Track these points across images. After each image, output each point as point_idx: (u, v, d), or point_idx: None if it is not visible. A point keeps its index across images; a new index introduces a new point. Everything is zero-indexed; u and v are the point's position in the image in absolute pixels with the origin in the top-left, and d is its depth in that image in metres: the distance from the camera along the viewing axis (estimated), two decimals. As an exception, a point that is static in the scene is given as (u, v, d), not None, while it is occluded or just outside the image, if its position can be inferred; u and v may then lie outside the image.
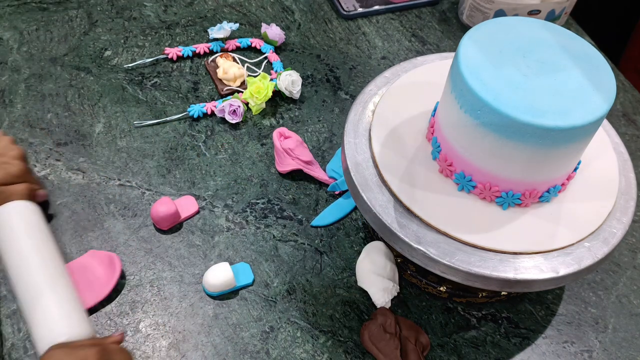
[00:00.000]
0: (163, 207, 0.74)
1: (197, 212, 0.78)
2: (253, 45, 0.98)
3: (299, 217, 0.78)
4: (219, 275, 0.69)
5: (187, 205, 0.77)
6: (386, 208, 0.61)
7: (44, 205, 0.76)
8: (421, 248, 0.59)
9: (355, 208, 0.79)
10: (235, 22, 1.00)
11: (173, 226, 0.76)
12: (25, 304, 0.63)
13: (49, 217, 0.75)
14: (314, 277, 0.73)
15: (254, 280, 0.72)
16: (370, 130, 0.68)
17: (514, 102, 0.54)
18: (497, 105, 0.54)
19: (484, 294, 0.70)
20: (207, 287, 0.70)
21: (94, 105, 0.88)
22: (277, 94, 0.91)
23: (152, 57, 0.94)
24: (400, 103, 0.70)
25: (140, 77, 0.92)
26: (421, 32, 1.04)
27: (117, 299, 0.70)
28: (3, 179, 0.71)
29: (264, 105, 0.88)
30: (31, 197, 0.72)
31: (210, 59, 0.95)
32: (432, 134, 0.65)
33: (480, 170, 0.60)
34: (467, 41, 0.59)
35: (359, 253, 0.73)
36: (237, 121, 0.86)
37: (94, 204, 0.77)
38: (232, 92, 0.90)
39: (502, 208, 0.62)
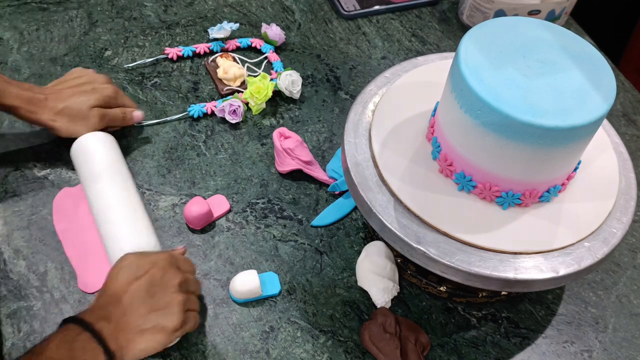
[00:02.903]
0: (196, 206, 0.74)
1: (229, 211, 0.78)
2: (253, 45, 0.98)
3: (299, 217, 0.78)
4: (246, 282, 0.69)
5: (218, 205, 0.78)
6: (386, 208, 0.61)
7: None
8: (421, 248, 0.59)
9: (355, 208, 0.79)
10: (236, 22, 1.00)
11: (206, 225, 0.76)
12: (105, 223, 0.70)
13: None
14: (314, 277, 0.73)
15: (280, 291, 0.72)
16: (370, 130, 0.68)
17: (514, 102, 0.54)
18: (497, 105, 0.54)
19: (484, 294, 0.70)
20: (232, 292, 0.70)
21: (94, 105, 0.88)
22: (277, 94, 0.91)
23: (152, 57, 0.94)
24: (400, 103, 0.70)
25: (140, 77, 0.92)
26: (421, 32, 1.04)
27: (117, 298, 0.70)
28: (102, 101, 0.78)
29: (264, 105, 0.88)
30: (128, 120, 0.82)
31: (211, 59, 0.95)
32: (432, 134, 0.65)
33: (480, 170, 0.60)
34: (467, 41, 0.59)
35: (359, 253, 0.73)
36: (237, 121, 0.86)
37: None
38: (232, 92, 0.90)
39: (502, 208, 0.62)
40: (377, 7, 1.06)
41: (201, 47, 0.95)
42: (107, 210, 0.71)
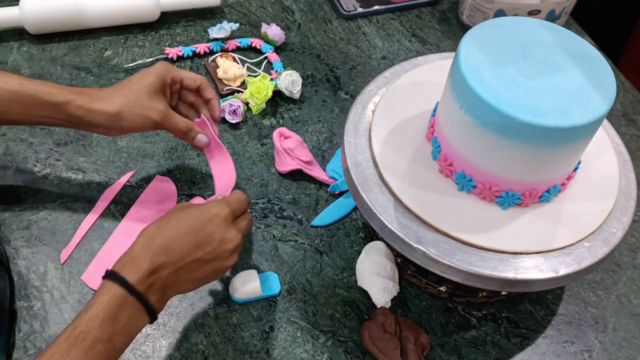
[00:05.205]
0: None
1: None
2: (253, 45, 0.98)
3: (299, 217, 0.78)
4: (246, 282, 0.69)
5: None
6: (386, 208, 0.61)
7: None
8: (421, 248, 0.59)
9: (355, 208, 0.79)
10: (235, 22, 1.00)
11: None
12: None
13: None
14: (314, 277, 0.73)
15: (280, 291, 0.72)
16: (370, 130, 0.68)
17: (514, 102, 0.54)
18: (497, 105, 0.54)
19: (484, 294, 0.70)
20: (232, 292, 0.70)
21: (94, 105, 0.88)
22: (277, 94, 0.91)
23: (152, 57, 0.94)
24: (400, 103, 0.70)
25: (140, 77, 0.92)
26: (421, 32, 1.04)
27: (117, 298, 0.70)
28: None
29: (264, 105, 0.88)
30: (190, 138, 0.73)
31: (211, 59, 0.95)
32: (432, 134, 0.65)
33: (480, 170, 0.60)
34: (467, 41, 0.59)
35: (359, 253, 0.73)
36: (237, 121, 0.86)
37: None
38: (232, 92, 0.90)
39: (502, 208, 0.62)
40: (377, 7, 1.06)
41: (201, 47, 0.95)
42: None
